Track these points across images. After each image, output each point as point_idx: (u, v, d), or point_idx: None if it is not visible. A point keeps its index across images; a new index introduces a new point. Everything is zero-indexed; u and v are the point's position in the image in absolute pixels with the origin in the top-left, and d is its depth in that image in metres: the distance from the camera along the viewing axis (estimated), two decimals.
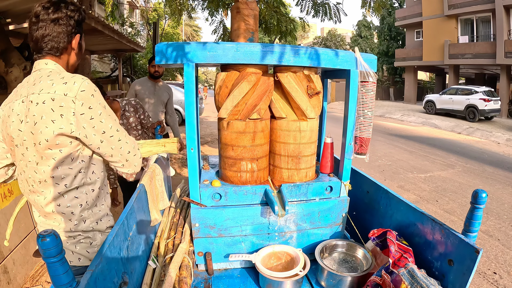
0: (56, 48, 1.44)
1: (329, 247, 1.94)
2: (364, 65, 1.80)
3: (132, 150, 1.55)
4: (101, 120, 1.40)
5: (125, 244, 1.50)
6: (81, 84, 1.35)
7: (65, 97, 1.32)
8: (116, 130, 1.46)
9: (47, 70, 1.41)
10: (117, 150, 1.49)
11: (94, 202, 1.55)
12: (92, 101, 1.36)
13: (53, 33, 1.42)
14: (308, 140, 1.94)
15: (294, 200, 1.90)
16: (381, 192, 1.99)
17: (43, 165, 1.39)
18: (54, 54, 1.45)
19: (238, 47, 1.66)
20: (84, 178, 1.49)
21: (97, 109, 1.38)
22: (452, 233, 1.46)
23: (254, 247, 1.93)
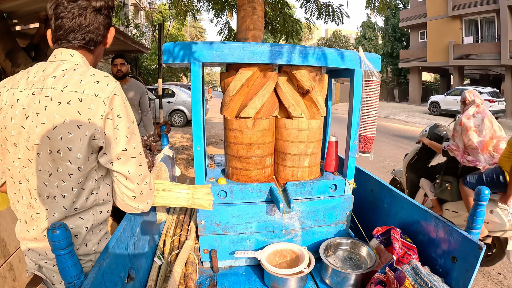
0: (95, 42, 1.26)
1: (334, 245, 1.96)
2: (368, 65, 1.82)
3: (149, 184, 1.33)
4: (126, 135, 1.20)
5: (132, 240, 1.52)
6: (116, 87, 1.17)
7: (95, 98, 1.12)
8: (139, 152, 1.26)
9: (72, 63, 1.20)
10: (134, 176, 1.25)
11: (98, 221, 1.34)
12: (122, 110, 1.18)
13: (95, 24, 1.23)
14: (313, 139, 1.95)
15: (299, 198, 1.92)
16: (385, 191, 2.01)
17: (57, 179, 1.17)
18: (88, 48, 1.26)
19: (244, 46, 1.68)
20: (97, 200, 1.29)
21: (125, 121, 1.19)
22: (455, 230, 1.47)
23: (259, 244, 1.94)
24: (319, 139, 2.00)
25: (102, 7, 1.23)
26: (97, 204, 1.29)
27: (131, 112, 1.23)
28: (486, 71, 24.83)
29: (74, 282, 1.03)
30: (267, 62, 1.71)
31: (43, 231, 1.22)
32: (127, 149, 1.20)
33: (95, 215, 1.30)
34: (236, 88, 1.83)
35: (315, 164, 2.02)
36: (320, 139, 2.01)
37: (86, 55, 1.27)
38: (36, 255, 1.28)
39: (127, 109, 1.21)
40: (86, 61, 1.26)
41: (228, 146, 1.98)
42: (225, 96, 1.89)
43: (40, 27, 4.60)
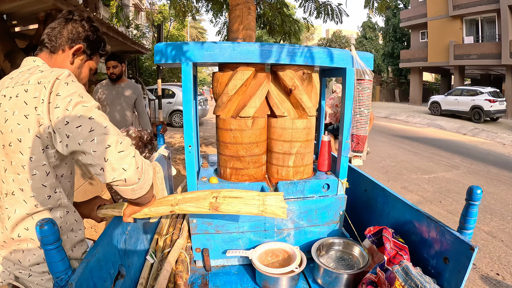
0: (54, 43, 1.31)
1: (326, 245, 1.95)
2: (360, 63, 1.82)
3: (116, 146, 1.09)
4: (67, 108, 1.09)
5: (123, 237, 1.53)
6: (60, 73, 1.16)
7: (38, 85, 1.12)
8: (88, 118, 1.10)
9: (31, 65, 1.27)
10: (88, 145, 1.08)
11: (70, 227, 1.31)
12: (63, 89, 1.12)
13: (58, 28, 1.31)
14: (305, 138, 1.95)
15: (291, 197, 1.92)
16: (378, 190, 2.00)
17: (12, 173, 1.17)
18: (49, 50, 1.31)
19: (234, 46, 1.68)
20: (61, 199, 1.26)
21: (65, 97, 1.11)
22: (447, 230, 1.47)
23: (252, 244, 1.94)
24: (306, 139, 1.99)
25: (73, 20, 1.35)
26: (63, 204, 1.28)
27: (77, 89, 1.16)
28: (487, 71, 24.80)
29: (61, 277, 1.04)
30: (258, 61, 1.71)
31: (11, 231, 1.22)
32: (68, 122, 1.09)
33: (63, 217, 1.28)
34: (236, 87, 1.83)
35: (302, 164, 2.01)
36: (308, 139, 1.99)
37: (48, 59, 1.32)
38: (11, 264, 1.27)
39: (72, 88, 1.14)
40: (46, 66, 1.28)
41: (225, 146, 1.96)
42: (222, 96, 1.89)
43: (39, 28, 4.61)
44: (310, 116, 1.94)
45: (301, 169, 2.00)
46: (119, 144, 1.10)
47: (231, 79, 1.82)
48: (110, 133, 1.10)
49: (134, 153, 1.14)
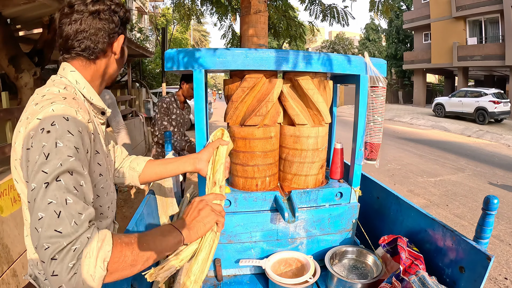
0: (92, 49, 1.13)
1: (339, 253, 1.93)
2: (374, 70, 1.80)
3: (48, 225, 0.83)
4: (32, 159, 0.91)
5: None
6: (44, 110, 0.95)
7: (25, 121, 0.99)
8: (34, 198, 0.87)
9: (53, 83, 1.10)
10: (33, 214, 0.86)
11: None
12: (37, 135, 0.92)
13: (91, 29, 1.10)
14: (319, 146, 1.93)
15: (304, 206, 1.90)
16: (391, 198, 1.98)
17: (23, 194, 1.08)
18: (87, 57, 1.14)
19: (247, 53, 1.66)
20: None
21: (37, 146, 0.91)
22: (463, 239, 1.44)
23: (264, 253, 1.92)
24: (321, 147, 1.97)
25: (100, 11, 1.12)
26: None
27: (54, 138, 0.92)
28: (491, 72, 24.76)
29: None
30: (271, 68, 1.69)
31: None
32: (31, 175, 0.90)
33: None
34: (242, 95, 1.81)
35: (315, 172, 1.99)
36: (322, 147, 1.97)
37: (85, 67, 1.15)
38: (34, 264, 1.21)
39: (47, 136, 0.92)
40: (80, 77, 1.14)
41: (235, 154, 1.94)
42: (230, 104, 1.87)
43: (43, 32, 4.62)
44: (326, 123, 1.92)
45: (314, 177, 1.98)
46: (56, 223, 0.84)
47: (238, 87, 1.80)
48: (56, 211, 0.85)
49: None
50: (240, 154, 1.90)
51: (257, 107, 1.82)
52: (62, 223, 0.83)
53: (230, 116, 1.89)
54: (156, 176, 1.54)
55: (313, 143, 1.91)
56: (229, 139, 1.49)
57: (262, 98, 1.82)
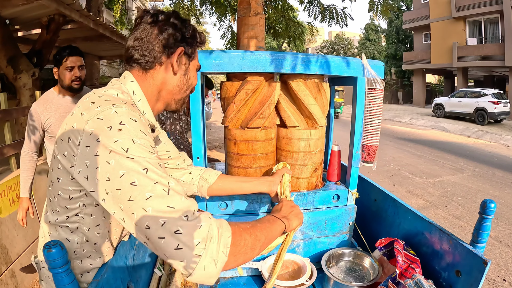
0: (147, 57, 1.12)
1: (336, 255, 1.92)
2: (371, 72, 1.79)
3: (167, 224, 0.84)
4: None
5: (131, 252, 1.50)
6: (106, 111, 0.95)
7: (80, 117, 0.97)
8: (130, 182, 0.87)
9: (113, 87, 1.10)
10: (128, 214, 0.87)
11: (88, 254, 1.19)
12: (103, 133, 0.92)
13: (147, 37, 1.11)
14: (311, 149, 1.92)
15: (300, 209, 1.89)
16: (389, 201, 1.97)
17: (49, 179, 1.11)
18: (143, 66, 1.13)
19: (244, 55, 1.65)
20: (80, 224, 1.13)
21: (108, 145, 0.90)
22: (459, 243, 1.44)
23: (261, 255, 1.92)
24: (316, 150, 1.95)
25: (159, 21, 1.13)
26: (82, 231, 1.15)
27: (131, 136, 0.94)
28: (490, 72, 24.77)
29: None
30: (268, 71, 1.69)
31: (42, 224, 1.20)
32: (110, 178, 0.91)
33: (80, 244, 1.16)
34: (245, 98, 1.79)
35: (314, 175, 1.99)
36: (318, 150, 1.96)
37: (141, 77, 1.15)
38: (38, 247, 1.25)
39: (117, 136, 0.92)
40: (139, 91, 1.13)
41: (233, 157, 1.92)
42: (230, 106, 1.85)
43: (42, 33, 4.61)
44: (320, 126, 1.92)
45: (307, 180, 1.97)
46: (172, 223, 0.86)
47: (240, 89, 1.78)
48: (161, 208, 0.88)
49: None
50: (243, 157, 1.89)
51: (259, 109, 1.81)
52: (174, 199, 0.87)
53: (231, 119, 1.87)
54: (229, 191, 1.62)
55: (304, 145, 1.90)
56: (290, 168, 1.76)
57: (264, 100, 1.81)
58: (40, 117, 2.54)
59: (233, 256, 0.91)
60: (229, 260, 0.90)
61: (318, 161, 1.97)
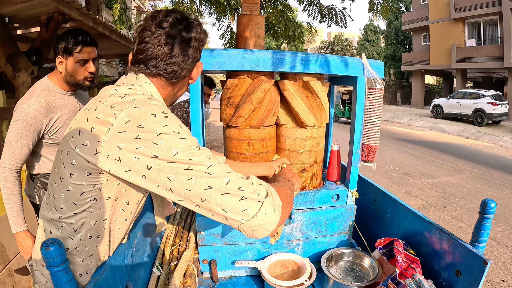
0: (178, 74, 1.15)
1: (336, 255, 1.92)
2: (371, 72, 1.79)
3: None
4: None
5: (130, 251, 1.50)
6: (145, 102, 1.02)
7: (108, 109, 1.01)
8: (187, 158, 0.96)
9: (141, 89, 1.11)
10: (180, 182, 0.96)
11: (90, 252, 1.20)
12: (148, 120, 0.99)
13: (181, 57, 1.12)
14: (297, 148, 1.91)
15: (300, 208, 1.89)
16: (388, 200, 1.97)
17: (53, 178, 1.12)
18: (169, 79, 1.15)
19: (244, 54, 1.65)
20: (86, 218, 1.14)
21: (153, 128, 0.97)
22: (459, 243, 1.44)
23: (260, 255, 1.91)
24: (321, 148, 1.96)
25: (192, 39, 1.13)
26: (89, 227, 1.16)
27: (177, 121, 1.04)
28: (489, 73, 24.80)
29: None
30: (268, 69, 1.68)
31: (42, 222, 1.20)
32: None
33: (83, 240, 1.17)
34: (263, 96, 1.76)
35: (317, 173, 1.99)
36: (322, 147, 1.97)
37: (163, 86, 1.17)
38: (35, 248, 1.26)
39: (163, 122, 0.99)
40: (157, 93, 1.16)
41: (249, 158, 1.88)
42: (246, 106, 1.77)
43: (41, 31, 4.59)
44: (308, 126, 1.87)
45: (310, 179, 1.97)
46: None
47: (258, 88, 1.73)
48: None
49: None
50: (257, 156, 1.87)
51: (271, 107, 1.80)
52: (228, 167, 1.02)
53: (246, 119, 1.80)
54: None
55: (290, 144, 1.89)
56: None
57: (273, 98, 1.81)
58: (42, 119, 1.97)
59: (284, 210, 1.06)
60: (282, 213, 1.04)
61: (306, 161, 1.94)
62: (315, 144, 1.92)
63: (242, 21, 2.09)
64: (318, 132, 1.91)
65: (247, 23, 2.09)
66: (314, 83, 1.81)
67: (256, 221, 0.97)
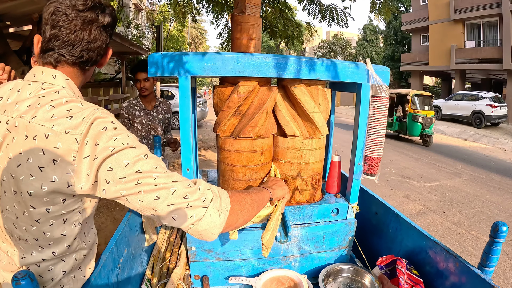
0: (93, 61, 1.10)
1: (334, 272, 1.81)
2: (376, 78, 1.67)
3: (178, 200, 0.97)
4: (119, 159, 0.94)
5: (115, 272, 1.39)
6: (92, 115, 0.95)
7: (65, 136, 0.92)
8: (135, 171, 0.95)
9: (53, 88, 1.01)
10: (134, 193, 0.95)
11: (79, 265, 1.15)
12: (101, 136, 0.94)
13: (98, 42, 1.07)
14: (316, 159, 1.80)
15: (297, 223, 1.77)
16: (391, 215, 1.86)
17: (25, 223, 0.98)
18: (83, 67, 1.09)
19: (239, 58, 1.53)
20: (80, 244, 1.10)
21: (107, 145, 0.94)
22: (467, 266, 1.34)
23: (255, 271, 1.80)
24: (316, 161, 1.84)
25: (109, 25, 1.09)
26: (81, 248, 1.13)
27: (121, 133, 0.98)
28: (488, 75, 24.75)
29: None
30: (265, 75, 1.56)
31: (18, 268, 1.05)
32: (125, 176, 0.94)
33: (78, 260, 1.12)
34: (237, 104, 1.66)
35: (310, 187, 1.86)
36: (318, 160, 1.84)
37: (75, 76, 1.09)
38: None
39: (111, 132, 0.96)
40: (71, 83, 1.07)
41: (225, 167, 1.79)
42: (221, 113, 1.70)
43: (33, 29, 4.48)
44: (323, 135, 1.79)
45: (309, 192, 1.85)
46: (183, 198, 1.00)
47: (232, 94, 1.65)
48: (177, 187, 1.00)
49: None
50: (229, 166, 1.77)
51: (252, 117, 1.68)
52: (174, 175, 1.03)
53: (222, 127, 1.73)
54: None
55: (307, 156, 1.77)
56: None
57: (258, 106, 1.69)
58: None
59: (234, 213, 1.08)
60: (230, 216, 1.06)
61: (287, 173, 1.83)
62: (299, 156, 1.79)
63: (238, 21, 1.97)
64: (303, 143, 1.77)
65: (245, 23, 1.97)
66: (296, 89, 1.69)
67: (201, 226, 1.00)
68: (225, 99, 1.69)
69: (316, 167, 1.83)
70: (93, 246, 1.22)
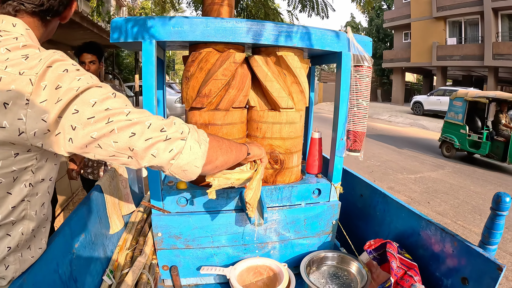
0: (54, 11, 1.00)
1: (317, 259, 1.67)
2: (358, 47, 1.54)
3: (149, 133, 0.92)
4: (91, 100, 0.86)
5: (68, 257, 1.22)
6: (50, 57, 0.85)
7: (19, 77, 0.81)
8: (104, 108, 0.87)
9: (11, 34, 0.89)
10: (106, 135, 0.88)
11: (28, 244, 1.01)
12: (63, 78, 0.85)
13: None
14: (292, 135, 1.65)
15: (275, 205, 1.62)
16: (378, 196, 1.73)
17: None
18: (43, 17, 0.99)
19: (208, 22, 1.38)
20: (26, 210, 0.96)
21: (71, 86, 0.84)
22: (466, 245, 1.21)
23: (230, 260, 1.65)
24: (299, 135, 1.69)
25: None
26: (27, 217, 0.97)
27: (87, 73, 0.91)
28: (469, 72, 25.07)
29: None
30: (238, 41, 1.41)
31: None
32: (94, 116, 0.86)
33: (25, 234, 0.97)
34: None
35: (295, 165, 1.72)
36: (300, 135, 1.70)
37: (36, 26, 1.00)
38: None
39: (72, 74, 0.86)
40: (31, 34, 0.97)
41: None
42: (211, 82, 1.50)
43: None
44: (282, 108, 1.61)
45: (286, 171, 1.70)
46: (155, 131, 0.94)
47: (225, 62, 1.48)
48: (152, 122, 0.95)
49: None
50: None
51: (241, 86, 1.53)
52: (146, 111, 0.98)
53: (217, 100, 1.55)
54: None
55: (273, 130, 1.66)
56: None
57: (244, 77, 1.55)
58: None
59: (213, 148, 1.06)
60: (210, 150, 1.04)
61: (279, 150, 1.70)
62: (291, 131, 1.66)
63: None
64: (294, 116, 1.64)
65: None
66: (290, 57, 1.54)
67: (183, 160, 0.96)
68: (208, 68, 1.51)
69: (274, 144, 1.68)
70: (45, 223, 1.08)
